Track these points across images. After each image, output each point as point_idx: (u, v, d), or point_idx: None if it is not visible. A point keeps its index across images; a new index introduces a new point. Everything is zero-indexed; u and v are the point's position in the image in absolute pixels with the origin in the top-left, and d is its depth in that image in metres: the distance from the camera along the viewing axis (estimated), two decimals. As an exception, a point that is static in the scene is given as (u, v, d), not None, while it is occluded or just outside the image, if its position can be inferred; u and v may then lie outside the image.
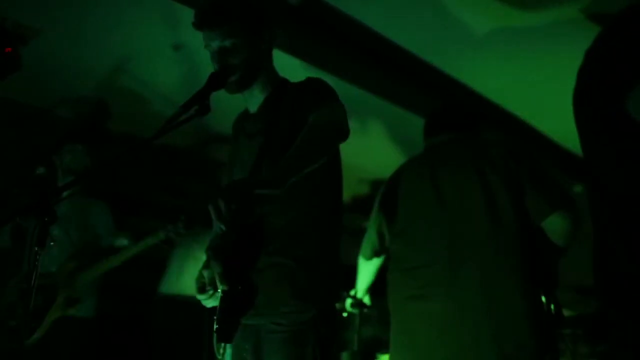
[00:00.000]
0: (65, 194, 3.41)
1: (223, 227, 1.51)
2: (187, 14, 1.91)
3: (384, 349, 3.16)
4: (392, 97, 3.83)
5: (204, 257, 2.02)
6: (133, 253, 3.49)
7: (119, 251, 3.52)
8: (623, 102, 1.05)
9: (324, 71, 3.38)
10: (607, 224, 1.14)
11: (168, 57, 3.45)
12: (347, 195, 5.54)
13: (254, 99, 2.02)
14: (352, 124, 1.87)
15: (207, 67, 1.90)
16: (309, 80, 2.01)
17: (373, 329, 3.56)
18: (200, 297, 1.91)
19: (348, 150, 2.05)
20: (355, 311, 3.40)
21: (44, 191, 1.55)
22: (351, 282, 3.08)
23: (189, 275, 3.80)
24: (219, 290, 1.89)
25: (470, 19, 3.10)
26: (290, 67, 2.19)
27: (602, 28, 1.19)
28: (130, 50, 3.47)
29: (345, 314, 3.47)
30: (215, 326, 1.88)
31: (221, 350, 1.91)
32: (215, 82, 1.79)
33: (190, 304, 2.56)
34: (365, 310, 3.33)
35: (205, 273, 1.93)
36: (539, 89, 3.89)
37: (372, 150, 4.73)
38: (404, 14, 3.12)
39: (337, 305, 3.39)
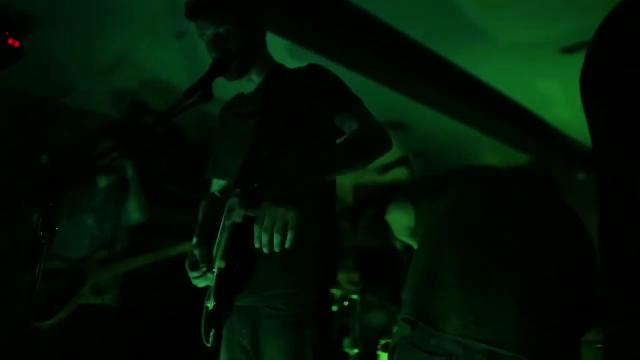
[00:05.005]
0: (102, 185, 3.58)
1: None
2: (189, 1, 1.92)
3: (387, 335, 3.18)
4: (390, 83, 3.83)
5: None
6: (167, 255, 3.52)
7: (154, 250, 3.55)
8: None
9: (318, 55, 3.37)
10: (614, 209, 1.15)
11: (171, 46, 3.45)
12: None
13: (250, 84, 2.03)
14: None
15: (209, 56, 1.91)
16: (316, 69, 1.99)
17: (375, 315, 3.58)
18: (192, 274, 1.92)
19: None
20: (357, 297, 3.42)
21: (49, 177, 1.55)
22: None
23: None
24: (213, 270, 1.90)
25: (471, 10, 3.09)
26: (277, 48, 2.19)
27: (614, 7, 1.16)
28: (134, 40, 3.47)
29: (346, 302, 3.49)
30: (210, 306, 1.90)
31: (211, 338, 1.92)
32: (219, 68, 1.79)
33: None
34: (367, 296, 3.37)
35: (197, 251, 1.95)
36: (543, 79, 3.89)
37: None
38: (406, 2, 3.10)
39: (338, 291, 3.43)
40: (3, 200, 3.51)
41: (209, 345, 1.94)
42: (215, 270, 1.88)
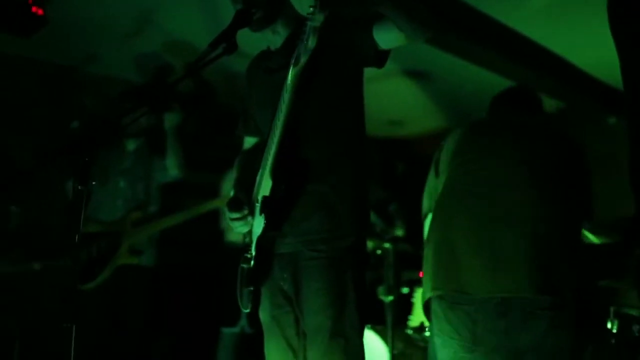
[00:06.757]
0: (130, 148, 3.61)
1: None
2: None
3: (419, 284, 3.21)
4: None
5: None
6: (199, 212, 3.59)
7: (186, 208, 3.62)
8: None
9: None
10: None
11: (192, 6, 3.43)
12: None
13: (276, 37, 2.01)
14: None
15: (232, 15, 1.89)
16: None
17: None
18: (233, 215, 1.95)
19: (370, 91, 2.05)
20: (390, 246, 3.45)
21: (81, 137, 1.58)
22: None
23: None
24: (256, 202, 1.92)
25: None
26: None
27: None
28: (155, 2, 3.46)
29: (379, 251, 3.52)
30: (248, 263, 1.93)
31: (245, 298, 1.98)
32: (242, 19, 1.78)
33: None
34: (400, 245, 3.39)
35: (241, 195, 2.00)
36: (573, 22, 3.78)
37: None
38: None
39: (371, 242, 3.45)
40: (39, 166, 3.59)
41: (246, 311, 2.00)
42: (259, 200, 1.90)
